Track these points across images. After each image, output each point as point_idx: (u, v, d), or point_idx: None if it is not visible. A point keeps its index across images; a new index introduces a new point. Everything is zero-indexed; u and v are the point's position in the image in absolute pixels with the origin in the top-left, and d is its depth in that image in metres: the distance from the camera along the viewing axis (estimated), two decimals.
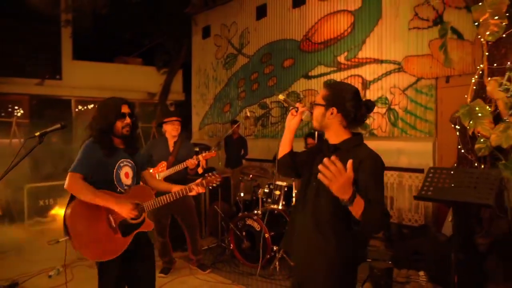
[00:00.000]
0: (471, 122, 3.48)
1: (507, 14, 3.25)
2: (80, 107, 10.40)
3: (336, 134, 1.80)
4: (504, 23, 3.19)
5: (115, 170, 2.30)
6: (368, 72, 6.19)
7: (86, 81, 9.39)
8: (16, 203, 5.39)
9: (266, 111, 7.88)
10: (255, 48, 8.09)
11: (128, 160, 2.39)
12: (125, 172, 2.35)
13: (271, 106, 7.76)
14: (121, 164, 2.34)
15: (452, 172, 2.83)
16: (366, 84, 6.22)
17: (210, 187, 2.62)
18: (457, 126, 3.80)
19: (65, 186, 2.18)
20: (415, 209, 5.43)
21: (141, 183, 2.58)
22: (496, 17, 3.17)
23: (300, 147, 3.37)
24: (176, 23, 9.37)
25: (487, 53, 3.37)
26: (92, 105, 10.38)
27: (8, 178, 5.46)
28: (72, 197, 2.23)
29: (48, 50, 9.29)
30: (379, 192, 1.71)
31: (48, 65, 9.26)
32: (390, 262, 3.99)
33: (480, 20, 3.27)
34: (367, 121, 6.21)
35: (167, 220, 3.96)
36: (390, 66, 5.89)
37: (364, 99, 1.80)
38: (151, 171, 3.86)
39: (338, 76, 6.60)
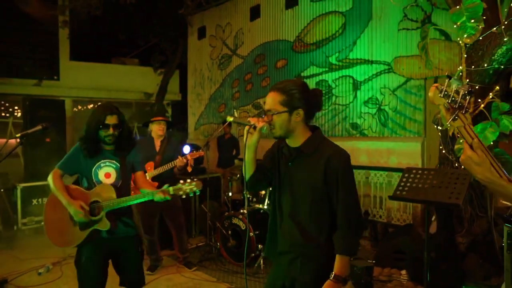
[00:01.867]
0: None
1: (484, 17, 3.30)
2: (79, 107, 10.51)
3: (299, 135, 1.74)
4: (480, 26, 3.24)
5: (93, 170, 2.45)
6: (358, 72, 6.24)
7: (83, 81, 9.50)
8: (10, 202, 5.50)
9: (259, 112, 7.93)
10: (249, 49, 8.15)
11: (113, 161, 2.50)
12: (105, 173, 2.47)
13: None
14: (102, 165, 2.47)
15: (426, 172, 2.88)
16: (357, 85, 6.27)
17: (183, 196, 2.39)
18: (439, 127, 3.86)
19: (47, 179, 2.45)
20: (404, 208, 5.48)
21: (132, 183, 2.71)
22: (473, 20, 3.22)
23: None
24: (171, 24, 9.43)
25: (465, 55, 3.43)
26: (91, 105, 10.51)
27: (1, 178, 5.56)
28: None
29: (46, 51, 9.40)
30: (352, 194, 1.67)
31: (46, 65, 9.36)
32: (373, 261, 4.05)
33: (458, 23, 3.32)
34: (358, 121, 6.28)
35: (154, 219, 4.03)
36: (380, 66, 5.94)
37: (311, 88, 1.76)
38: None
39: (329, 77, 6.66)
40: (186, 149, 4.28)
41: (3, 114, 9.29)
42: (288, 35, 7.33)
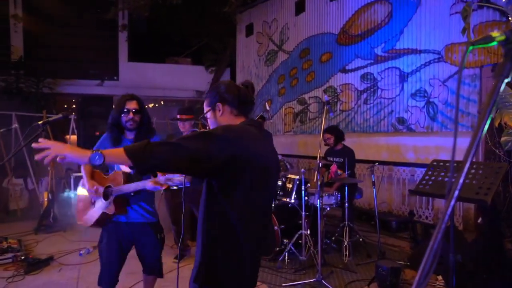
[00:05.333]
0: (497, 111, 3.14)
1: None
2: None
3: None
4: None
5: None
6: (405, 63, 5.83)
7: (140, 81, 10.10)
8: (66, 190, 6.03)
9: (304, 107, 7.78)
10: (294, 44, 8.03)
11: None
12: None
13: (310, 101, 7.65)
14: None
15: (455, 165, 2.57)
16: (404, 77, 5.86)
17: (175, 187, 2.35)
18: None
19: None
20: (453, 210, 4.99)
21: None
22: None
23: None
24: (221, 23, 9.64)
25: None
26: (152, 104, 11.16)
27: (59, 168, 6.06)
28: None
29: (107, 54, 10.18)
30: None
31: (107, 67, 10.14)
32: (408, 263, 3.74)
33: None
34: (405, 116, 5.84)
35: (180, 211, 4.14)
36: (429, 56, 5.48)
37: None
38: None
39: (375, 69, 6.31)
40: None
41: (64, 111, 10.28)
42: (333, 28, 7.09)
